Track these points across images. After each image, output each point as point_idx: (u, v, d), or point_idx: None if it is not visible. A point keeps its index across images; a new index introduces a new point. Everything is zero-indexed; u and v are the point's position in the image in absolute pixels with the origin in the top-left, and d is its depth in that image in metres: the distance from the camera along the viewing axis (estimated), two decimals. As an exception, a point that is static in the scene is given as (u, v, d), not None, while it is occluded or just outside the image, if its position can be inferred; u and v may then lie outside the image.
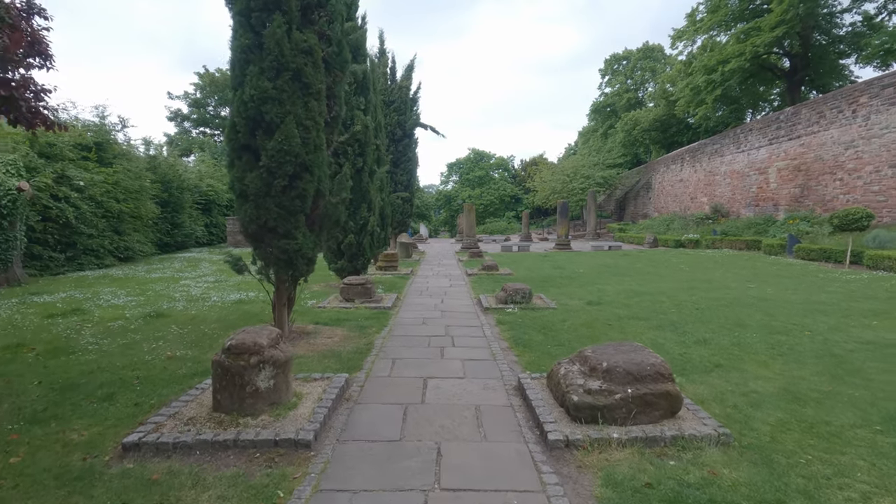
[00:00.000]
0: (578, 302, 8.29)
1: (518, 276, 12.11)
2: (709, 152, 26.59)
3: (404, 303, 8.42)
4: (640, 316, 7.01)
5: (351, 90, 9.30)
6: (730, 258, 15.53)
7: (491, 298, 8.46)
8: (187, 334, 5.82)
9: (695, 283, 10.24)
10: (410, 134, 19.25)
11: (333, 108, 5.60)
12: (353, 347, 5.38)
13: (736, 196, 23.86)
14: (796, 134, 19.57)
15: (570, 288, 9.92)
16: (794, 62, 25.30)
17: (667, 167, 32.30)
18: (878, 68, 25.11)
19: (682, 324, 6.46)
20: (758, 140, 22.15)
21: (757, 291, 9.10)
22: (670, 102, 34.80)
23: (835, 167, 17.46)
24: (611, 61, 50.88)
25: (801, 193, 19.31)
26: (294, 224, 5.14)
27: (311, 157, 5.10)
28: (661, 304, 7.90)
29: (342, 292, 8.06)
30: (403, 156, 18.88)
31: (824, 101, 18.19)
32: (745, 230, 19.57)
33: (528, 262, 15.80)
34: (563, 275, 12.15)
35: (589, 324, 6.54)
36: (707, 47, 30.00)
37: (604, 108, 50.15)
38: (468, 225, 22.04)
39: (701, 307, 7.60)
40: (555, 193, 35.93)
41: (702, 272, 12.27)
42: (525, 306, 7.71)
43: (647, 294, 8.96)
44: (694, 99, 27.37)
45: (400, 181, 18.71)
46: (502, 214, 45.54)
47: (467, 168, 48.64)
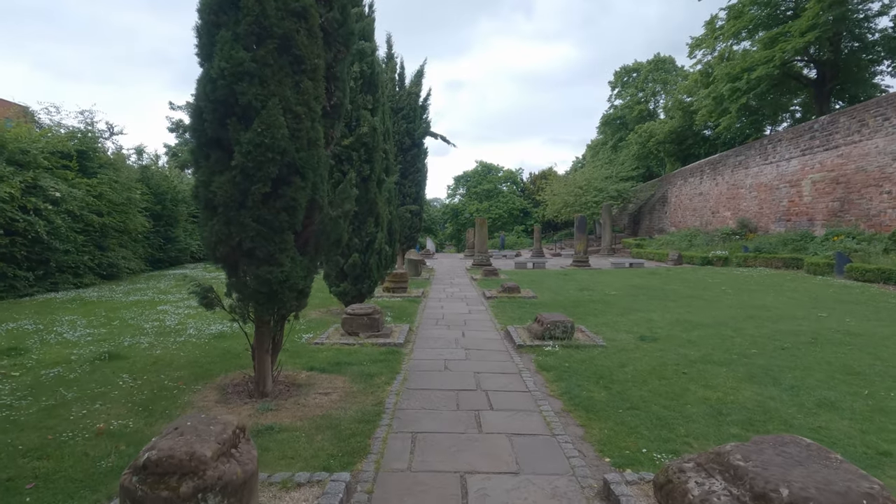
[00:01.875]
0: (628, 336, 6.89)
1: (543, 299, 10.72)
2: (731, 164, 25.25)
3: (418, 336, 7.04)
4: (716, 359, 5.60)
5: (357, 87, 8.06)
6: (771, 278, 14.08)
7: (522, 331, 7.07)
8: (141, 388, 4.46)
9: (752, 311, 8.81)
10: (419, 143, 18.06)
11: (334, 93, 4.29)
12: (357, 411, 4.00)
13: (764, 210, 22.44)
14: (834, 144, 18.21)
15: (609, 316, 8.52)
16: (823, 70, 24.04)
17: (684, 180, 30.95)
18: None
19: (777, 371, 5.04)
20: (788, 151, 20.80)
21: (834, 322, 7.66)
22: (687, 114, 33.59)
23: (881, 179, 16.05)
24: (620, 73, 49.99)
25: (840, 208, 17.88)
26: (279, 245, 3.80)
27: (303, 156, 3.78)
28: (731, 341, 6.48)
29: (344, 324, 6.69)
30: (412, 166, 17.65)
31: (866, 109, 16.86)
32: (781, 247, 18.12)
33: (549, 281, 14.40)
34: (594, 298, 10.74)
35: (657, 371, 5.13)
36: (724, 56, 28.87)
37: (614, 121, 49.10)
38: (480, 240, 20.71)
39: (784, 345, 6.18)
40: (567, 206, 34.60)
41: (749, 296, 10.84)
42: (566, 343, 6.31)
43: (704, 325, 7.55)
44: (716, 108, 26.13)
45: (408, 193, 17.45)
46: (511, 228, 44.20)
47: (475, 181, 47.48)
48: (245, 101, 3.54)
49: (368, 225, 8.38)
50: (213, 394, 4.29)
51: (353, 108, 8.11)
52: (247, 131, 3.55)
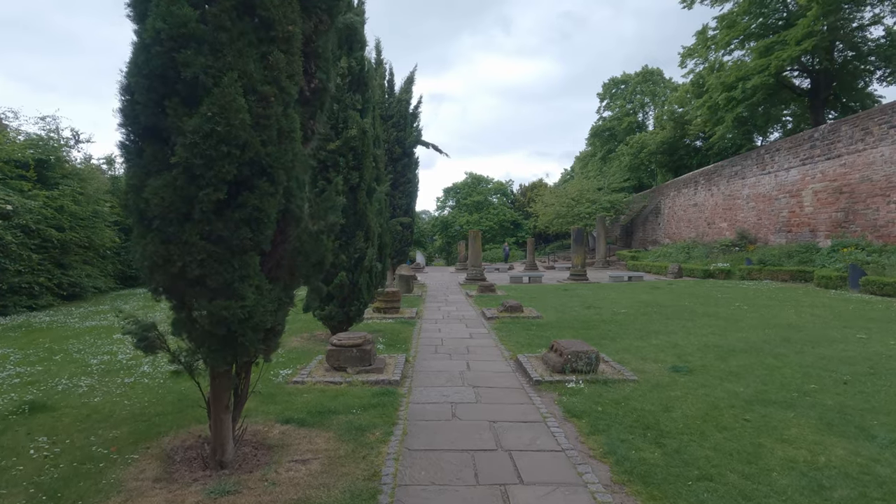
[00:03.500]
0: (658, 367, 5.98)
1: (548, 319, 9.80)
2: (727, 175, 24.80)
3: (416, 370, 6.04)
4: (774, 397, 4.70)
5: (344, 85, 7.15)
6: (782, 292, 13.36)
7: (535, 362, 6.12)
8: (58, 459, 3.40)
9: (781, 332, 7.99)
10: (410, 153, 17.21)
11: (315, 75, 3.36)
12: (345, 490, 3.00)
13: (763, 221, 21.93)
14: (836, 153, 17.75)
15: (627, 340, 7.62)
16: (817, 80, 23.84)
17: (678, 191, 30.51)
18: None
19: (857, 416, 4.16)
20: (787, 160, 20.35)
21: (879, 346, 6.86)
22: (678, 124, 33.37)
23: (888, 188, 15.55)
24: (609, 85, 50.02)
25: (844, 218, 17.36)
26: (239, 271, 2.82)
27: (271, 152, 2.83)
28: (778, 373, 5.61)
29: (329, 357, 5.68)
30: (403, 176, 16.76)
31: (870, 117, 16.43)
32: (786, 259, 17.50)
33: (550, 298, 13.51)
34: (604, 318, 9.85)
35: (712, 417, 4.21)
36: (714, 66, 28.69)
37: (602, 132, 48.89)
38: (474, 253, 19.82)
39: (843, 377, 5.32)
40: (559, 218, 33.99)
41: (769, 312, 10.05)
42: (592, 378, 5.37)
43: (739, 351, 6.68)
44: (712, 118, 25.77)
45: (399, 205, 16.53)
46: (502, 240, 43.43)
47: (465, 193, 46.78)
48: (190, 76, 2.58)
49: (357, 240, 7.41)
50: (153, 466, 3.25)
51: (340, 109, 7.19)
52: (192, 116, 2.59)
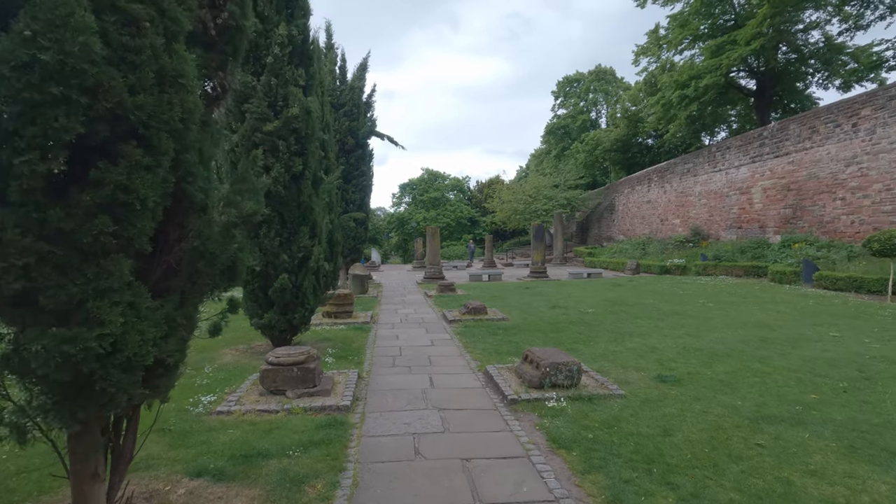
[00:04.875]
0: (641, 376, 5.39)
1: (514, 321, 9.14)
2: (679, 172, 25.24)
3: (371, 389, 5.15)
4: (778, 413, 4.17)
5: (283, 55, 6.12)
6: (741, 288, 13.38)
7: (508, 374, 5.38)
8: None
9: (755, 332, 7.68)
10: (364, 144, 16.15)
11: (225, 6, 2.41)
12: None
13: (714, 217, 22.38)
14: (784, 151, 18.21)
15: (601, 344, 7.04)
16: (763, 81, 24.59)
17: (632, 188, 30.94)
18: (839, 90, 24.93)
19: (874, 434, 3.67)
20: (737, 158, 20.79)
21: (856, 345, 6.61)
22: (632, 122, 33.85)
23: (834, 186, 16.01)
24: (563, 83, 50.46)
25: (792, 214, 17.82)
26: (95, 283, 1.86)
27: (145, 103, 1.88)
28: (770, 379, 5.14)
29: (265, 379, 4.69)
30: (356, 169, 15.70)
31: (817, 116, 16.89)
32: (739, 255, 17.77)
33: (513, 297, 12.91)
34: (572, 318, 9.30)
35: (721, 442, 3.60)
36: (666, 66, 29.22)
37: (557, 130, 49.25)
38: (432, 251, 19.00)
39: (839, 384, 4.90)
40: (516, 214, 33.73)
41: (735, 310, 9.84)
42: (574, 394, 4.68)
43: (721, 355, 6.22)
44: (665, 115, 26.11)
45: (352, 200, 15.46)
46: (459, 237, 42.91)
47: (421, 189, 45.86)
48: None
49: (302, 237, 6.41)
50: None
51: (280, 84, 6.16)
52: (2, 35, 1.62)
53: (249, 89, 6.04)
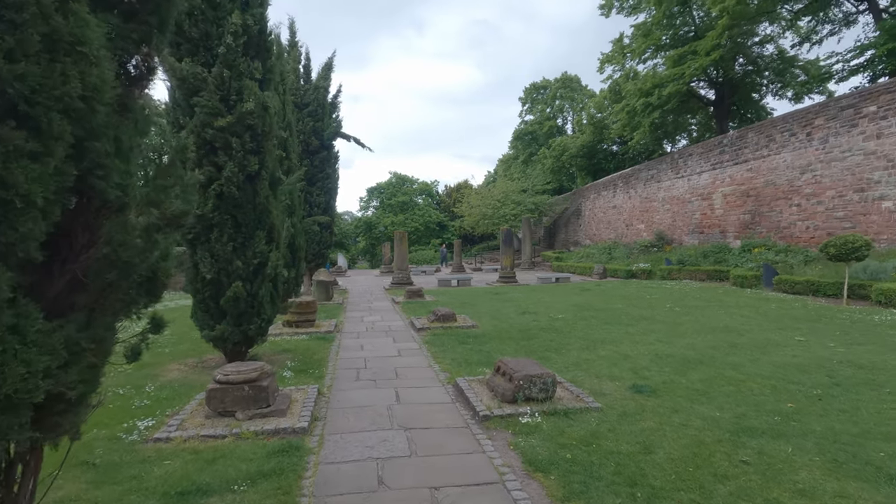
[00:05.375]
0: (616, 386, 5.20)
1: (484, 328, 8.88)
2: (644, 178, 25.74)
3: (332, 406, 4.75)
4: (757, 424, 4.03)
5: (236, 46, 5.66)
6: (705, 292, 13.59)
7: (479, 387, 5.09)
8: None
9: (723, 337, 7.68)
10: (329, 145, 15.64)
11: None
12: None
13: (677, 223, 22.88)
14: (743, 158, 18.77)
15: (574, 352, 6.85)
16: (721, 91, 25.42)
17: (598, 193, 31.41)
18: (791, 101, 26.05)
19: (855, 446, 3.56)
20: (699, 165, 21.33)
21: (822, 349, 6.65)
22: (598, 129, 34.43)
23: (790, 192, 16.57)
24: (530, 90, 51.03)
25: (751, 220, 18.36)
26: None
27: (28, 73, 1.49)
28: (745, 387, 5.03)
29: (211, 400, 4.23)
30: (321, 171, 15.16)
31: (773, 125, 17.48)
32: (702, 259, 18.15)
33: (483, 303, 12.67)
34: (542, 324, 9.12)
35: (705, 460, 3.40)
36: (629, 75, 29.90)
37: (525, 136, 49.72)
38: (400, 256, 18.60)
39: (813, 391, 4.84)
40: (485, 219, 33.73)
41: (702, 314, 9.90)
42: (550, 408, 4.43)
43: (694, 362, 6.13)
44: (629, 122, 26.62)
45: (317, 203, 14.91)
46: (428, 242, 42.59)
47: (389, 193, 45.31)
48: None
49: (257, 241, 5.95)
50: None
51: (233, 76, 5.70)
52: None
53: (199, 81, 5.55)
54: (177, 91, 5.68)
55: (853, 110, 14.23)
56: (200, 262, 5.74)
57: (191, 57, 5.64)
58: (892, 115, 13.12)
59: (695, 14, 25.52)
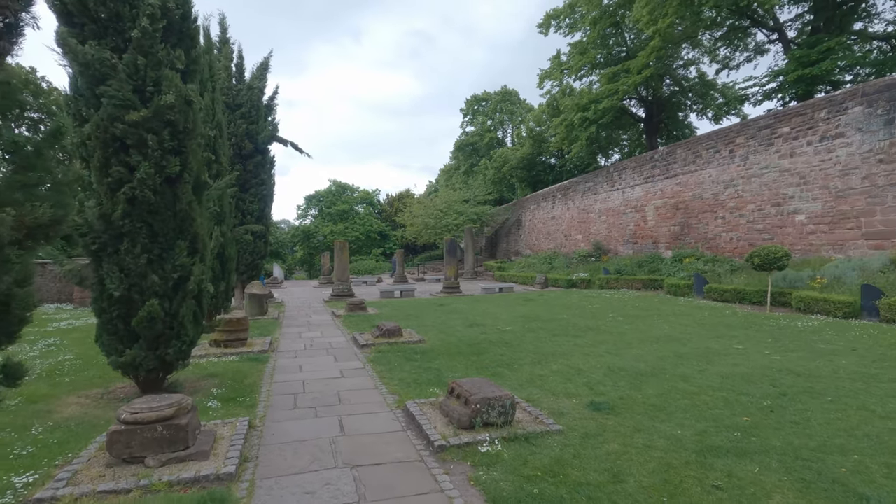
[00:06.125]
0: (574, 404, 4.99)
1: (432, 343, 8.50)
2: (581, 190, 26.60)
3: (266, 442, 4.16)
4: (720, 442, 3.93)
5: (153, 30, 4.97)
6: (643, 301, 14.02)
7: (432, 412, 4.68)
8: None
9: (668, 347, 7.79)
10: (264, 150, 14.71)
11: None
12: None
13: (613, 233, 23.76)
14: (672, 173, 19.80)
15: (527, 367, 6.62)
16: (651, 109, 26.86)
17: (537, 204, 32.13)
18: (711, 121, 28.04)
19: (818, 462, 3.51)
20: (633, 178, 22.30)
21: (761, 358, 6.87)
22: (537, 141, 35.33)
23: (715, 205, 17.63)
24: (472, 102, 51.72)
25: (681, 231, 19.36)
26: None
27: None
28: (698, 400, 5.00)
29: (114, 444, 3.52)
30: (255, 177, 14.20)
31: (699, 142, 18.58)
32: (637, 269, 18.86)
33: (428, 315, 12.29)
34: (491, 338, 8.88)
35: (675, 486, 3.20)
36: (566, 91, 31.00)
37: (466, 147, 50.21)
38: (340, 266, 17.84)
39: (763, 403, 4.87)
40: (427, 229, 33.47)
41: (643, 324, 10.10)
42: (510, 433, 4.11)
43: (645, 375, 6.08)
44: (568, 136, 27.47)
45: (250, 210, 13.93)
46: (369, 252, 41.66)
47: (328, 201, 43.97)
48: None
49: (178, 253, 5.22)
50: None
51: (149, 66, 4.98)
52: None
53: (108, 68, 4.80)
54: (79, 78, 4.89)
55: (769, 130, 15.37)
56: (107, 278, 4.93)
57: (97, 40, 4.88)
58: (803, 135, 14.28)
59: (626, 36, 26.92)
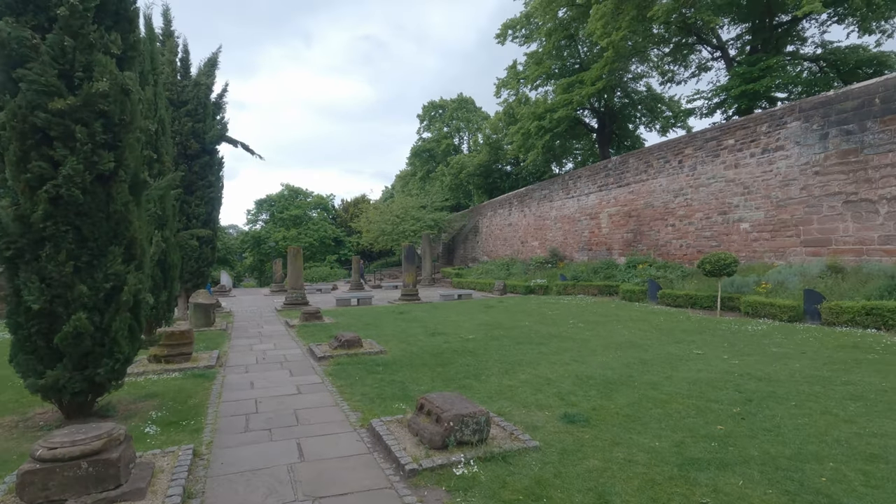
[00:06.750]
0: (547, 416, 4.81)
1: (394, 354, 8.14)
2: (538, 197, 26.98)
3: (213, 475, 3.68)
4: (696, 453, 3.84)
5: (85, 9, 4.41)
6: (600, 306, 14.23)
7: (400, 431, 4.35)
8: None
9: (631, 353, 7.82)
10: (212, 150, 13.90)
11: None
12: None
13: (568, 240, 24.19)
14: (625, 181, 20.39)
15: (494, 377, 6.41)
16: (603, 120, 27.70)
17: (494, 211, 32.35)
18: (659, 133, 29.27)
19: (800, 471, 3.47)
20: (587, 186, 22.81)
21: (720, 363, 6.99)
22: (493, 149, 35.66)
23: (666, 213, 18.25)
24: (428, 108, 51.73)
25: (634, 238, 19.93)
26: None
27: None
28: (672, 409, 4.94)
29: (26, 486, 2.96)
30: (202, 179, 13.36)
31: (650, 152, 19.23)
32: (593, 275, 19.21)
33: (387, 324, 11.89)
34: (454, 346, 8.64)
35: None
36: (521, 100, 31.53)
37: (423, 153, 50.14)
38: (294, 273, 17.10)
39: (732, 410, 4.86)
40: (384, 235, 32.96)
41: (603, 330, 10.17)
42: (485, 452, 3.84)
43: (614, 383, 6.00)
44: (524, 144, 27.85)
45: (196, 214, 13.07)
46: (323, 258, 40.52)
47: (281, 206, 42.47)
48: None
49: (111, 259, 4.63)
50: None
51: (79, 48, 4.41)
52: None
53: (28, 49, 4.20)
54: None
55: (716, 142, 16.09)
56: (24, 288, 4.30)
57: (14, 16, 4.27)
58: (747, 147, 15.03)
59: (580, 48, 27.69)
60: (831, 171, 12.52)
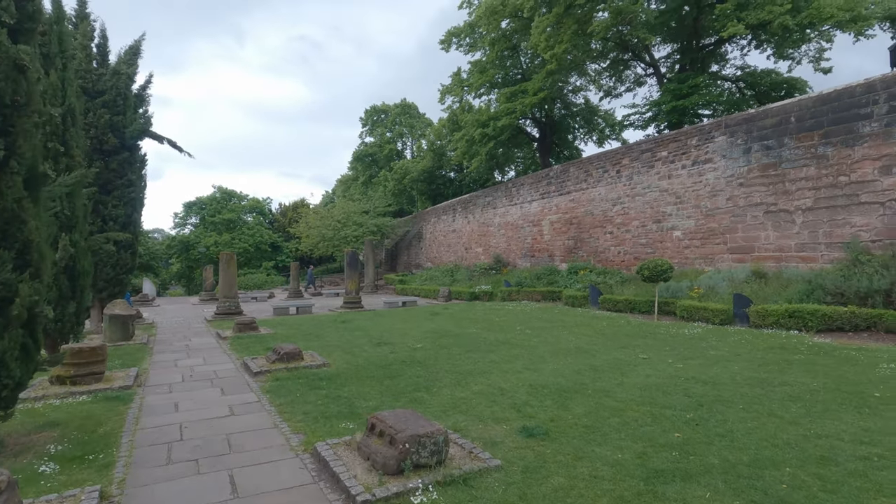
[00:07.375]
0: (505, 431, 4.58)
1: (338, 366, 7.65)
2: (481, 204, 27.16)
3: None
4: (660, 464, 3.75)
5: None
6: (544, 312, 14.38)
7: (351, 457, 3.95)
8: None
9: (580, 360, 7.83)
10: (133, 146, 12.68)
11: None
12: None
13: (511, 247, 24.49)
14: (566, 190, 20.93)
15: (446, 389, 6.13)
16: (544, 130, 28.43)
17: (438, 217, 32.26)
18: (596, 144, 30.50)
19: (760, 479, 3.45)
20: (530, 194, 23.22)
21: (666, 367, 7.12)
22: (437, 155, 35.62)
23: (604, 221, 18.89)
24: (371, 112, 51.00)
25: (574, 245, 20.47)
26: None
27: None
28: (628, 417, 4.87)
29: None
30: (121, 177, 12.14)
31: (590, 162, 19.86)
32: (536, 281, 19.49)
33: (330, 334, 11.29)
34: (403, 357, 8.27)
35: (637, 527, 2.88)
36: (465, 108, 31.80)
37: (365, 157, 49.30)
38: (227, 281, 15.96)
39: (685, 416, 4.88)
40: (324, 241, 31.86)
41: (550, 336, 10.21)
42: (445, 476, 3.53)
43: (568, 392, 5.90)
44: (468, 151, 27.97)
45: (114, 216, 11.84)
46: (259, 265, 38.57)
47: (212, 209, 40.02)
48: None
49: (0, 266, 3.89)
50: None
51: (-40, 13, 3.68)
52: None
53: None
54: None
55: (651, 154, 16.86)
56: None
57: None
58: (679, 159, 15.85)
59: (521, 59, 28.32)
60: (754, 184, 13.43)
